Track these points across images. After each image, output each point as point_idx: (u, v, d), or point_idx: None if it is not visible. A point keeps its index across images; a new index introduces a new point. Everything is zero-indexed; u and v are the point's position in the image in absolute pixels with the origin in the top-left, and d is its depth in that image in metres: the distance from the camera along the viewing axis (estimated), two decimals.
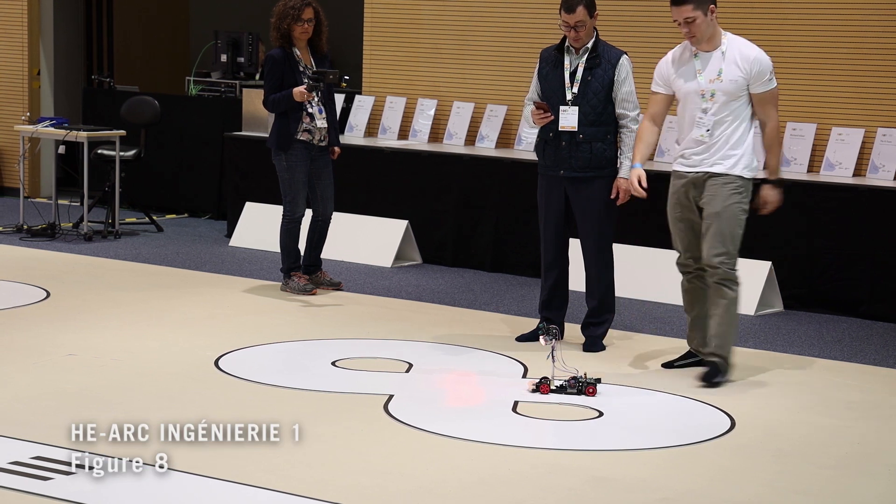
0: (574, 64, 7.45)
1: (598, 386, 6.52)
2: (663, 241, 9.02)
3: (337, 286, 8.93)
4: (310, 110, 8.69)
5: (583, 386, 6.47)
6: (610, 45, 7.51)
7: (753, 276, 8.74)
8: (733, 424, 6.14)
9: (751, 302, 8.66)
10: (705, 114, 6.78)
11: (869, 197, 8.66)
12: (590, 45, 7.43)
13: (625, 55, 7.47)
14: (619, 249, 7.82)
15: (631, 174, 7.04)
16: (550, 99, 7.46)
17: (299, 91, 8.51)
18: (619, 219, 7.62)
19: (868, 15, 9.17)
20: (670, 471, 5.47)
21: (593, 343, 7.56)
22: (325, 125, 8.75)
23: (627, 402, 6.51)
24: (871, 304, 8.54)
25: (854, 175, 9.05)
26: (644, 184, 7.02)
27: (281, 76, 8.66)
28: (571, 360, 6.72)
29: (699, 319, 7.05)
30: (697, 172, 6.84)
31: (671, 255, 9.01)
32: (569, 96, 7.43)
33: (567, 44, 7.46)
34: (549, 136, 7.49)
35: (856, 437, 6.05)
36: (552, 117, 7.40)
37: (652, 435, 5.97)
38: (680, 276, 7.14)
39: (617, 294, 7.74)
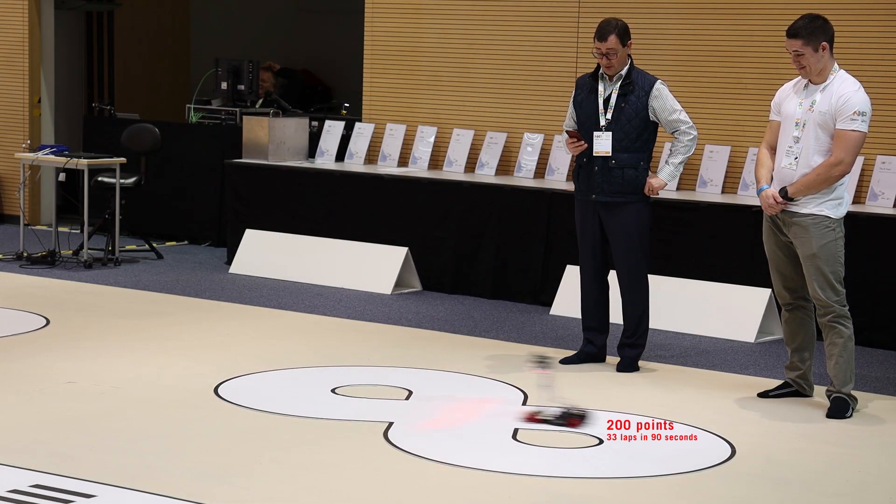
0: (608, 90, 7.58)
1: (585, 419, 6.35)
2: (660, 268, 9.01)
3: None
4: None
5: (568, 418, 6.35)
6: (644, 72, 7.63)
7: (752, 303, 8.74)
8: (734, 452, 6.12)
9: (750, 329, 8.66)
10: (795, 143, 6.81)
11: (869, 225, 8.65)
12: (623, 72, 7.55)
13: (658, 81, 7.59)
14: (612, 275, 7.82)
15: (762, 196, 6.90)
16: (585, 125, 7.59)
17: None
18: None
19: (868, 15, 9.17)
20: (671, 499, 5.45)
21: (627, 364, 7.69)
22: None
23: (627, 430, 6.49)
24: (871, 331, 8.52)
25: (854, 203, 9.04)
26: (777, 199, 6.83)
27: None
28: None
29: (799, 352, 7.06)
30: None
31: (667, 282, 9.02)
32: (602, 122, 7.55)
33: (601, 71, 7.59)
34: (584, 161, 7.62)
35: (857, 466, 6.04)
36: (585, 145, 7.53)
37: (652, 463, 5.96)
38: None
39: (611, 321, 7.81)
